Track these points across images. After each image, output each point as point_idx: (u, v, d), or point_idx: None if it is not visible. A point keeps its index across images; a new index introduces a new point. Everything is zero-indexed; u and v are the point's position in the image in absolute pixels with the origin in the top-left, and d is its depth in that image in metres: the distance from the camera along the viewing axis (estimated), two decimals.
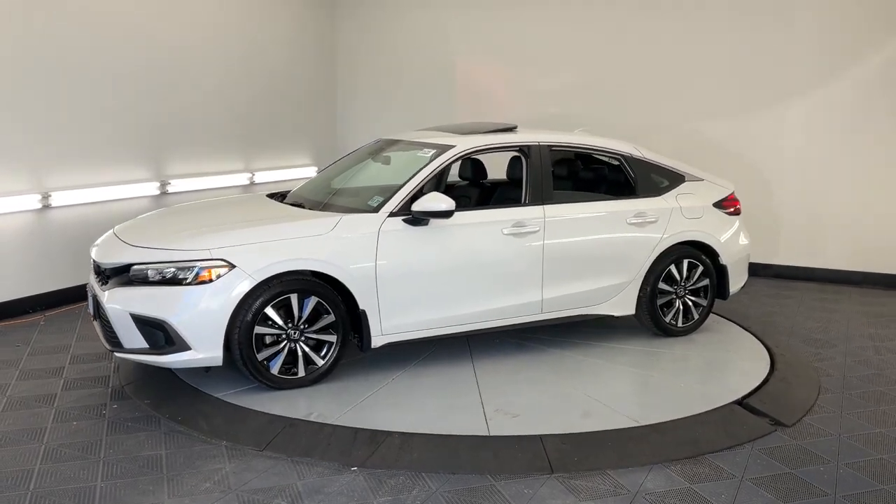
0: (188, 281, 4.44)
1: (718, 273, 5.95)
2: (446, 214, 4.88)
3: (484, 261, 5.14)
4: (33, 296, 6.45)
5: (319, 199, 5.39)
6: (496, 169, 6.32)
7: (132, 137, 7.17)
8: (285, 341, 4.68)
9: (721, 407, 4.59)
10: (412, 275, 4.93)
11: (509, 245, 5.20)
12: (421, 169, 5.12)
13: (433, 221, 4.93)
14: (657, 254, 5.65)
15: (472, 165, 6.16)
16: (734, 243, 6.00)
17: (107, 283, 4.67)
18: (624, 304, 5.67)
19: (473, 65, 9.33)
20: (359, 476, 3.76)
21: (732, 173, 6.88)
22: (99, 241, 5.11)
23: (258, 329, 4.55)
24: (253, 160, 8.73)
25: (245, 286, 4.46)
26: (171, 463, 3.87)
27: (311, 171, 9.50)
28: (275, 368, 4.66)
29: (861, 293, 7.58)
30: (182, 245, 4.58)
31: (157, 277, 4.48)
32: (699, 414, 4.48)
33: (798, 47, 7.76)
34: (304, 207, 5.23)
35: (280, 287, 4.57)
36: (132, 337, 4.50)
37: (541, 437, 4.14)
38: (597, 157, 6.03)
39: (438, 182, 6.49)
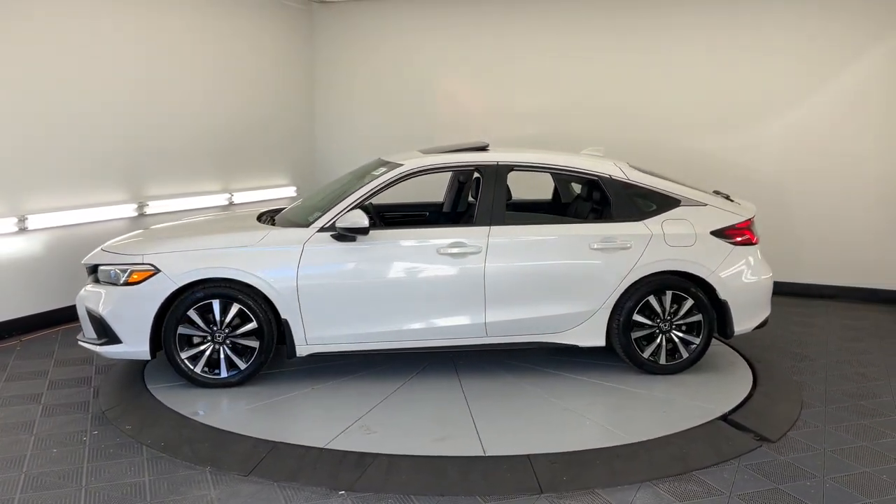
0: (121, 282, 4.97)
1: (718, 309, 5.42)
2: (363, 231, 5.03)
3: (415, 279, 5.17)
4: (9, 320, 6.33)
5: (289, 216, 5.58)
6: (522, 189, 6.52)
7: (110, 160, 7.09)
8: (209, 343, 5.04)
9: (706, 423, 4.61)
10: (337, 289, 5.10)
11: (445, 265, 5.15)
12: (360, 187, 5.30)
13: (360, 238, 5.08)
14: (629, 282, 5.24)
15: (477, 185, 6.05)
16: (738, 277, 5.37)
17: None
18: (591, 335, 5.30)
19: (453, 86, 9.36)
20: (347, 500, 3.72)
21: (711, 187, 6.91)
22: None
23: (183, 330, 4.99)
24: (231, 180, 8.68)
25: (167, 289, 4.91)
26: (154, 490, 3.80)
27: (289, 191, 9.52)
28: (197, 368, 5.05)
29: (838, 307, 7.68)
30: (125, 251, 5.13)
31: (111, 277, 5.03)
32: (685, 430, 4.50)
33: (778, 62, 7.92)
34: (267, 223, 5.54)
35: (203, 292, 4.95)
36: (88, 328, 5.11)
37: (529, 456, 4.13)
38: (575, 178, 5.90)
39: (457, 199, 6.56)
